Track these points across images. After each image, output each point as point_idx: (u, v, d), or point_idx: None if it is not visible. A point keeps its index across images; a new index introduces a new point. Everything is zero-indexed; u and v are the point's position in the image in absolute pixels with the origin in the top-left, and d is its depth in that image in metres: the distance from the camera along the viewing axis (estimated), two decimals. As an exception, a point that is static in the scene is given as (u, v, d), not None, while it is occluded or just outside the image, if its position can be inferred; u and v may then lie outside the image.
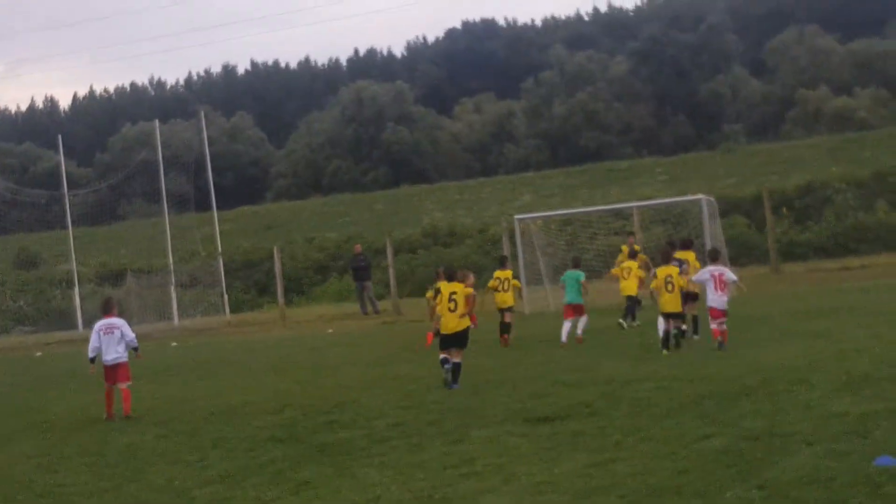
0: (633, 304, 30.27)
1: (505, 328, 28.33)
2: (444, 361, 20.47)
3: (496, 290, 29.04)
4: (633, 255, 32.82)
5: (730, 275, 23.41)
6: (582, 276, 27.46)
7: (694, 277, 24.24)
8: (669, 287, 23.54)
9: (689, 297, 25.03)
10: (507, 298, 28.83)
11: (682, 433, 13.73)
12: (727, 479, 11.05)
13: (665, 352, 22.74)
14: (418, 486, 12.24)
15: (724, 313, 22.75)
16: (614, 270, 31.40)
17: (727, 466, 11.62)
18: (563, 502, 10.81)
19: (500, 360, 22.17)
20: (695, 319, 25.55)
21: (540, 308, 39.48)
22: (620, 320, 29.37)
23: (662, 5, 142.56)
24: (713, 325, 22.81)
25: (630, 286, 29.74)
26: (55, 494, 14.01)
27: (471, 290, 20.98)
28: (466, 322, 20.73)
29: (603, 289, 38.54)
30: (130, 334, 21.64)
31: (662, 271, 23.86)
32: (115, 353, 21.32)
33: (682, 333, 23.94)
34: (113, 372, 21.23)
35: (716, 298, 22.90)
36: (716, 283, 23.01)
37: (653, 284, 24.16)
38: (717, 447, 12.68)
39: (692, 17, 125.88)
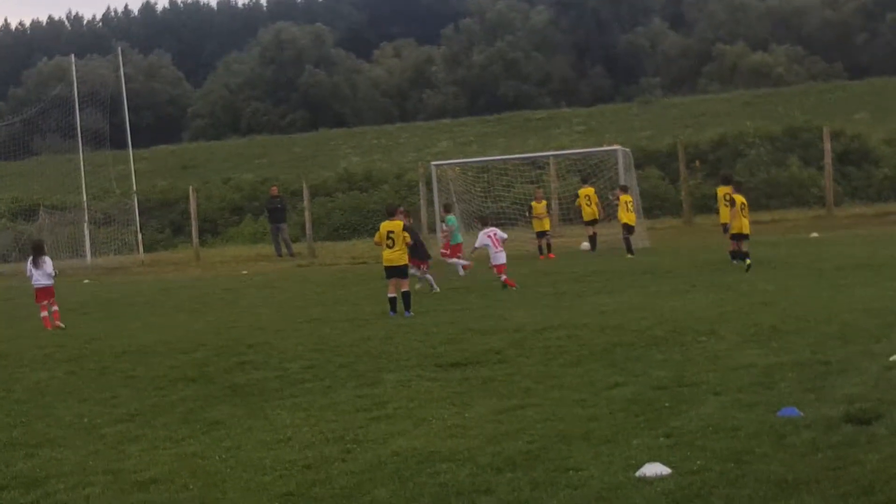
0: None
1: None
2: (392, 300, 22.65)
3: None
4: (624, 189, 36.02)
5: (500, 233, 27.87)
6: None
7: (476, 243, 28.35)
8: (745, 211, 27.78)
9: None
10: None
11: (591, 381, 13.90)
12: (635, 427, 11.22)
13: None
14: (330, 428, 12.30)
15: (504, 266, 26.98)
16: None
17: (635, 414, 11.80)
18: (473, 446, 10.92)
19: (413, 307, 22.31)
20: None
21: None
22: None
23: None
24: (504, 277, 26.66)
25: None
26: (-37, 430, 13.89)
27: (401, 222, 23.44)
28: (405, 257, 23.10)
29: (513, 237, 38.79)
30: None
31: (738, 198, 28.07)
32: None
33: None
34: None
35: (497, 255, 27.06)
36: (493, 242, 27.14)
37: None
38: (626, 395, 12.86)
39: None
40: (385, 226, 23.13)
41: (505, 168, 48.64)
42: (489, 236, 27.43)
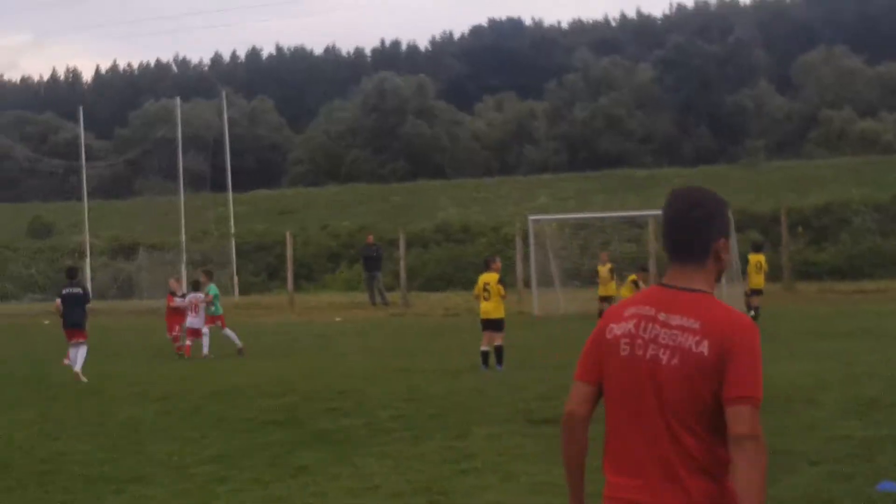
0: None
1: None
2: (484, 354, 22.44)
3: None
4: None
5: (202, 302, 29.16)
6: None
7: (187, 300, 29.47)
8: None
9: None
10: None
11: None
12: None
13: None
14: (417, 479, 12.18)
15: (199, 331, 28.54)
16: None
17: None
18: (561, 503, 10.74)
19: (505, 362, 22.15)
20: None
21: (550, 311, 39.40)
22: None
23: (691, 14, 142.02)
24: (187, 344, 28.55)
25: None
26: (55, 461, 14.02)
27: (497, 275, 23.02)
28: (501, 310, 22.67)
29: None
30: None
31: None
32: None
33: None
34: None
35: (193, 321, 28.65)
36: (193, 307, 28.66)
37: None
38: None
39: (720, 29, 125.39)
40: (483, 278, 23.04)
41: (603, 226, 48.41)
42: (192, 302, 28.93)
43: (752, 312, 33.40)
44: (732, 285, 37.59)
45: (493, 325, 22.71)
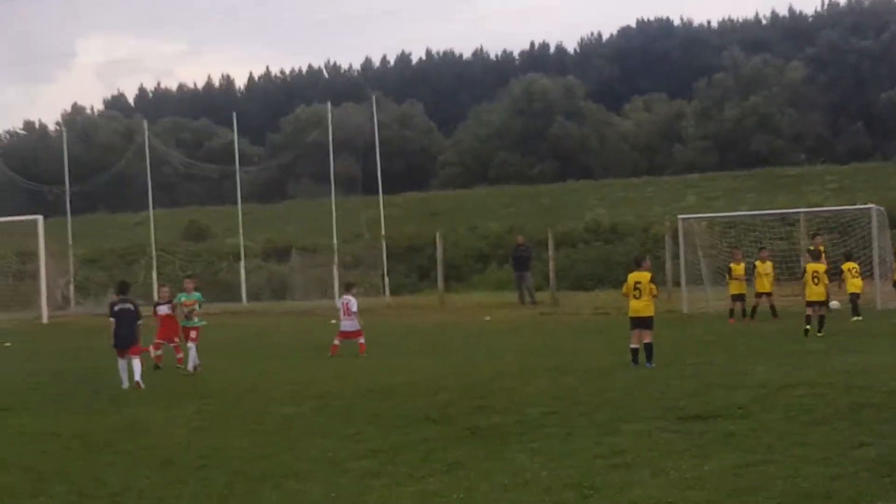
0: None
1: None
2: (634, 351, 22.67)
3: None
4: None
5: (353, 303, 28.42)
6: None
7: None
8: (815, 280, 28.56)
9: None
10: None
11: (836, 440, 13.57)
12: (880, 489, 10.92)
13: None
14: (568, 474, 12.33)
15: (354, 333, 28.00)
16: None
17: (882, 476, 11.47)
18: (712, 499, 10.82)
19: (655, 359, 22.18)
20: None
21: (699, 308, 39.17)
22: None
23: (843, 11, 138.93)
24: (360, 341, 27.96)
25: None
26: (213, 457, 14.44)
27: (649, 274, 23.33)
28: (651, 308, 22.94)
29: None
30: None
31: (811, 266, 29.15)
32: None
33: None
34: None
35: (343, 323, 28.16)
36: (344, 310, 28.19)
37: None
38: (873, 456, 12.51)
39: (874, 25, 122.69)
40: (633, 276, 23.18)
41: (753, 224, 47.88)
42: (344, 303, 28.59)
43: None
44: (885, 281, 37.11)
45: (643, 322, 22.82)
